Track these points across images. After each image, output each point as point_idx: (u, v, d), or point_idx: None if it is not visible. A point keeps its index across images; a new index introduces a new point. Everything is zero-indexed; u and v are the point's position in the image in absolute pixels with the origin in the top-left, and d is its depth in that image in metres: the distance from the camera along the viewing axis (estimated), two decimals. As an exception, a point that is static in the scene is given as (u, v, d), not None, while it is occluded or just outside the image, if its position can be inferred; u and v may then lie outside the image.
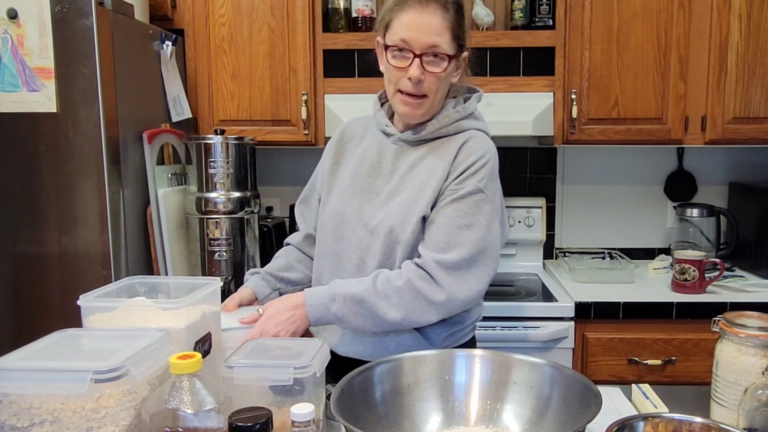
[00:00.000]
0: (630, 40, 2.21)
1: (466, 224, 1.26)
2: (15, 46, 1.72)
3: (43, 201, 1.78)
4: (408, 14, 1.26)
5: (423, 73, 1.27)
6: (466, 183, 1.29)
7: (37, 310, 1.81)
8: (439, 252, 1.25)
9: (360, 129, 1.48)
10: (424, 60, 1.27)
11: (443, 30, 1.27)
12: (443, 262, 1.24)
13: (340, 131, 1.50)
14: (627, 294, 2.08)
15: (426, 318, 1.26)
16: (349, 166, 1.42)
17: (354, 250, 1.35)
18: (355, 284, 1.26)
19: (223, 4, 2.24)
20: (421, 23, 1.26)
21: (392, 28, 1.29)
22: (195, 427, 0.81)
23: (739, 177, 2.58)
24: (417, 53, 1.27)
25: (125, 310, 1.05)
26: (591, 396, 0.94)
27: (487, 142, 1.36)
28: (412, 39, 1.26)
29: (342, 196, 1.39)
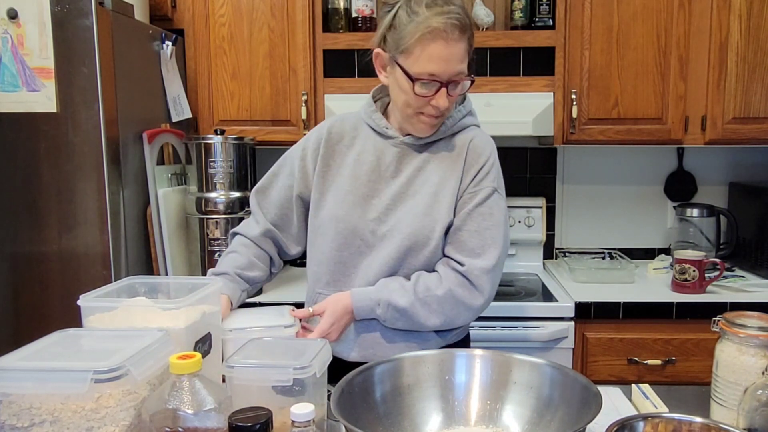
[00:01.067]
0: (630, 40, 2.21)
1: (492, 225, 1.32)
2: (15, 46, 1.73)
3: (43, 201, 1.78)
4: (436, 46, 1.22)
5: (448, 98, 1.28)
6: (482, 185, 1.33)
7: (37, 310, 1.81)
8: (476, 257, 1.30)
9: (348, 129, 1.42)
10: (450, 87, 1.27)
11: (465, 54, 1.27)
12: (484, 268, 1.29)
13: (327, 131, 1.42)
14: (627, 294, 2.08)
15: (463, 321, 1.34)
16: (344, 170, 1.38)
17: (361, 258, 1.35)
18: (399, 292, 1.29)
19: (223, 4, 2.24)
20: (449, 55, 1.23)
21: (415, 56, 1.24)
22: (195, 427, 0.81)
23: (739, 177, 2.58)
24: (444, 82, 1.26)
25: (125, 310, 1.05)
26: (591, 396, 0.94)
27: (486, 137, 1.40)
28: (441, 72, 1.24)
29: (342, 202, 1.35)
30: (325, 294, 1.37)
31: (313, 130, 1.47)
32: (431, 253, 1.32)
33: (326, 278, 1.38)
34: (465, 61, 1.27)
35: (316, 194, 1.40)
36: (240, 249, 1.44)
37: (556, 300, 2.05)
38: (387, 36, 1.29)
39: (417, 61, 1.24)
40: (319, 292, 1.39)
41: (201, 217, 2.03)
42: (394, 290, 1.30)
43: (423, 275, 1.32)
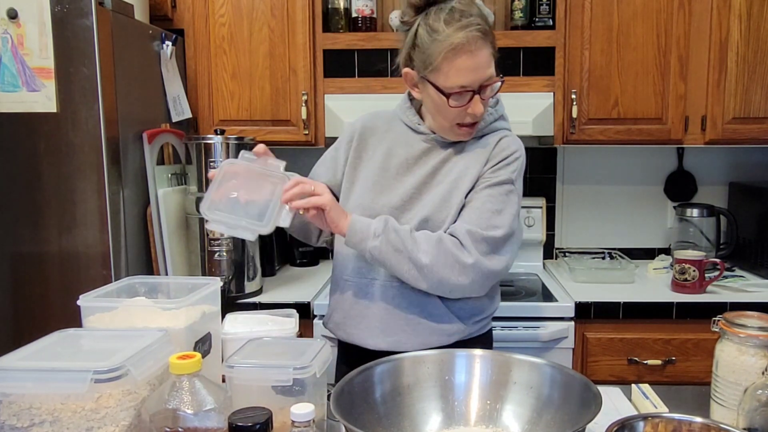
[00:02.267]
0: (630, 40, 2.21)
1: (497, 210, 1.33)
2: (15, 46, 1.73)
3: (43, 201, 1.78)
4: (461, 60, 1.25)
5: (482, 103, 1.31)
6: (500, 173, 1.35)
7: (37, 310, 1.81)
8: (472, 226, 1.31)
9: (382, 123, 1.47)
10: (483, 92, 1.30)
11: (490, 59, 1.29)
12: (474, 233, 1.29)
13: (361, 125, 1.48)
14: (627, 294, 2.08)
15: (455, 277, 1.30)
16: (374, 162, 1.42)
17: None
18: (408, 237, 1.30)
19: (223, 4, 2.24)
20: (475, 65, 1.26)
21: (444, 73, 1.27)
22: (195, 427, 0.81)
23: (739, 177, 2.58)
24: (476, 90, 1.29)
25: (125, 310, 1.05)
26: (591, 396, 0.94)
27: (519, 141, 1.42)
28: (471, 82, 1.28)
29: (368, 191, 1.40)
30: (351, 281, 1.41)
31: (348, 124, 1.52)
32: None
33: (352, 265, 1.41)
34: (492, 65, 1.29)
35: (346, 184, 1.44)
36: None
37: (556, 300, 2.05)
38: (412, 55, 1.32)
39: (447, 76, 1.27)
40: (346, 279, 1.42)
41: (201, 217, 2.02)
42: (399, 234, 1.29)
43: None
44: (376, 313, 1.38)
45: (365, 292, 1.40)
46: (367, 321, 1.39)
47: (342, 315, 1.44)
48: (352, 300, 1.42)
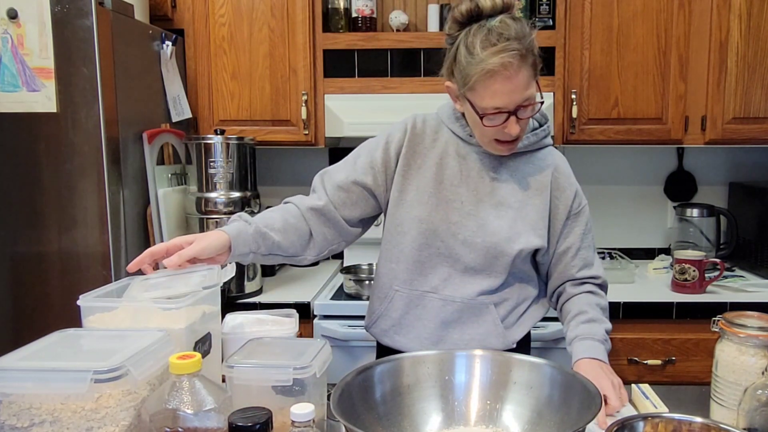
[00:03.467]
0: (630, 40, 2.21)
1: (592, 234, 1.46)
2: (15, 46, 1.73)
3: (43, 201, 1.78)
4: (495, 82, 1.22)
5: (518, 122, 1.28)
6: (581, 204, 1.43)
7: (37, 310, 1.81)
8: (596, 265, 1.45)
9: (430, 129, 1.42)
10: (520, 113, 1.26)
11: (529, 81, 1.24)
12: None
13: (410, 129, 1.41)
14: (627, 294, 2.08)
15: None
16: (426, 171, 1.39)
17: (443, 259, 1.37)
18: (598, 323, 1.37)
19: (223, 4, 2.24)
20: (511, 89, 1.23)
21: (479, 94, 1.24)
22: (195, 427, 0.81)
23: (739, 177, 2.58)
24: (512, 111, 1.25)
25: (125, 310, 1.05)
26: (591, 396, 0.94)
27: (564, 158, 1.46)
28: (506, 104, 1.24)
29: (425, 203, 1.37)
30: (402, 291, 1.39)
31: (394, 127, 1.44)
32: (509, 263, 1.35)
33: (403, 276, 1.40)
34: (530, 86, 1.25)
35: (395, 192, 1.40)
36: (279, 211, 1.36)
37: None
38: (453, 70, 1.29)
39: (482, 98, 1.25)
40: (396, 289, 1.41)
41: (201, 217, 2.03)
42: (598, 324, 1.37)
43: (582, 300, 1.41)
44: (427, 326, 1.38)
45: (416, 304, 1.39)
46: (417, 332, 1.39)
47: (390, 323, 1.43)
48: (402, 309, 1.40)
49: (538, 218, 1.37)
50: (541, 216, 1.38)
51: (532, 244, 1.36)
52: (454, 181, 1.38)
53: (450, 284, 1.37)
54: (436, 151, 1.40)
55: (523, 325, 1.43)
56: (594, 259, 1.44)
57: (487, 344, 1.36)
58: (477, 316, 1.37)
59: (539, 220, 1.37)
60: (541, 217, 1.38)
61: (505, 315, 1.39)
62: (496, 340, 1.38)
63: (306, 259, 1.39)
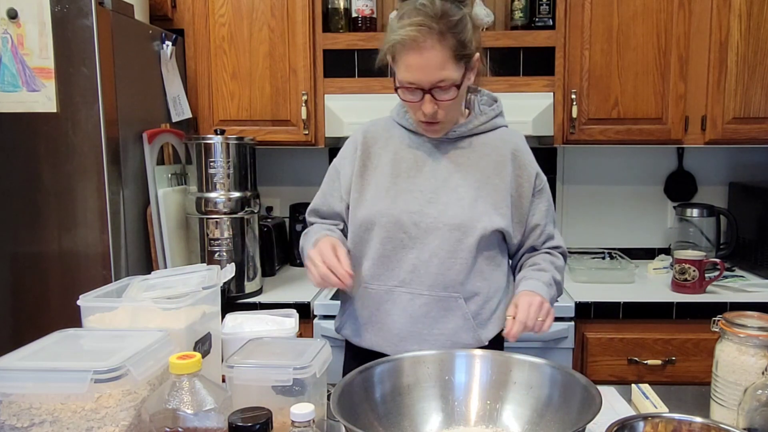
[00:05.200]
0: (630, 40, 2.21)
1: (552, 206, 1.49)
2: (15, 46, 1.73)
3: (43, 201, 1.78)
4: (408, 56, 1.25)
5: (435, 103, 1.29)
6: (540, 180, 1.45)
7: (37, 310, 1.81)
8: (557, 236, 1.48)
9: (382, 131, 1.46)
10: (434, 93, 1.28)
11: (446, 61, 1.25)
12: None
13: (362, 135, 1.46)
14: (627, 294, 2.08)
15: None
16: (383, 168, 1.41)
17: (408, 251, 1.37)
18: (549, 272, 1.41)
19: (223, 4, 2.24)
20: (422, 64, 1.25)
21: (397, 63, 1.28)
22: (195, 427, 0.81)
23: (739, 177, 2.58)
24: (426, 89, 1.27)
25: (125, 310, 1.05)
26: (591, 396, 0.94)
27: (521, 135, 1.48)
28: (418, 80, 1.26)
29: (382, 198, 1.38)
30: (371, 287, 1.40)
31: (349, 138, 1.51)
32: (476, 243, 1.35)
33: (371, 272, 1.40)
34: (447, 67, 1.26)
35: (354, 194, 1.43)
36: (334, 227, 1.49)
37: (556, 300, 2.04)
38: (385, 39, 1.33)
39: (399, 69, 1.29)
40: (365, 287, 1.41)
41: (201, 217, 2.03)
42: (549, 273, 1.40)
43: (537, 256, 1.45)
44: (396, 321, 1.37)
45: (385, 300, 1.39)
46: (387, 328, 1.38)
47: (360, 321, 1.43)
48: (372, 307, 1.40)
49: (500, 198, 1.38)
50: (503, 196, 1.38)
51: (494, 224, 1.36)
52: (410, 173, 1.40)
53: (417, 276, 1.36)
54: (390, 149, 1.43)
55: (496, 323, 1.41)
56: (555, 232, 1.48)
57: (457, 340, 1.35)
58: (446, 310, 1.36)
59: (500, 200, 1.38)
60: (502, 198, 1.38)
61: (477, 311, 1.38)
62: (467, 335, 1.37)
63: None
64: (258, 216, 2.15)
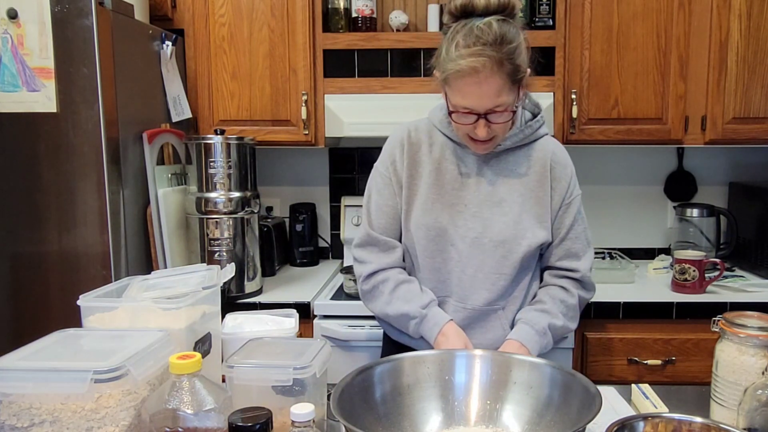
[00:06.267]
0: (630, 40, 2.21)
1: (586, 227, 1.45)
2: (15, 46, 1.73)
3: (43, 201, 1.78)
4: (465, 82, 1.22)
5: (489, 126, 1.27)
6: (573, 194, 1.43)
7: (37, 310, 1.81)
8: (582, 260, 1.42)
9: (424, 136, 1.43)
10: (488, 117, 1.26)
11: (503, 88, 1.23)
12: (590, 267, 1.44)
13: (407, 139, 1.42)
14: (627, 294, 2.08)
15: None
16: (427, 178, 1.39)
17: (454, 264, 1.37)
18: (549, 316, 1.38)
19: (223, 4, 2.24)
20: (480, 93, 1.23)
21: (452, 87, 1.26)
22: (195, 427, 0.81)
23: (739, 177, 2.58)
24: (481, 114, 1.26)
25: (125, 310, 1.05)
26: (591, 396, 0.94)
27: (560, 146, 1.46)
28: (474, 106, 1.25)
29: (428, 210, 1.38)
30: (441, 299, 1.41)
31: (389, 142, 1.46)
32: (521, 258, 1.36)
33: (425, 282, 1.41)
34: (503, 94, 1.24)
35: (404, 205, 1.41)
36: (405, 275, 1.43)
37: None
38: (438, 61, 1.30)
39: (453, 95, 1.26)
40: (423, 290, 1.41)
41: (201, 217, 2.03)
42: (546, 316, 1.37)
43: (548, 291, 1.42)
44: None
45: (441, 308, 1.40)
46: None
47: None
48: None
49: (543, 211, 1.38)
50: (545, 209, 1.39)
51: (538, 238, 1.36)
52: (455, 185, 1.38)
53: (461, 289, 1.38)
54: (434, 157, 1.41)
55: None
56: (582, 252, 1.43)
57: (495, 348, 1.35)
58: (485, 321, 1.39)
59: (544, 213, 1.38)
60: (545, 210, 1.39)
61: (513, 318, 1.40)
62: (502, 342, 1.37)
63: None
64: (258, 216, 2.15)
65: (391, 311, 1.38)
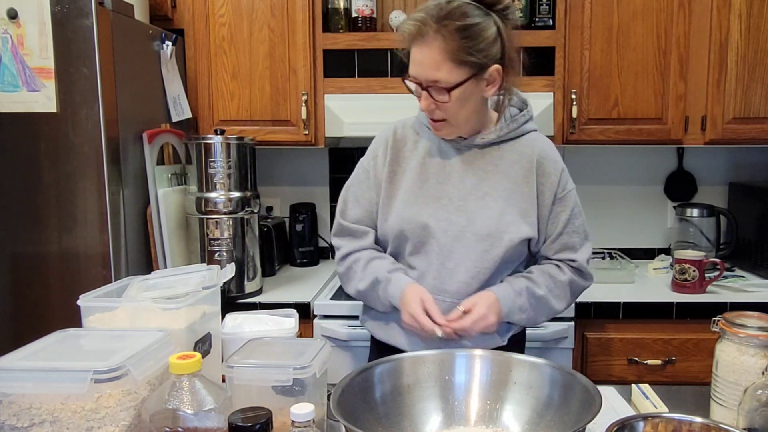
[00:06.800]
0: (630, 40, 2.21)
1: (583, 220, 1.45)
2: (15, 46, 1.73)
3: (43, 201, 1.78)
4: (413, 49, 1.27)
5: (432, 102, 1.29)
6: (567, 189, 1.43)
7: (37, 310, 1.81)
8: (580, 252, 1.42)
9: (411, 133, 1.45)
10: (430, 91, 1.28)
11: (443, 62, 1.25)
12: (588, 258, 1.44)
13: (392, 136, 1.45)
14: (627, 294, 2.08)
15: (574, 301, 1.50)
16: (411, 173, 1.41)
17: (435, 257, 1.37)
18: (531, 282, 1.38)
19: (223, 4, 2.24)
20: (421, 59, 1.26)
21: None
22: (195, 427, 0.81)
23: (739, 177, 2.58)
24: (424, 86, 1.28)
25: (125, 310, 1.05)
26: (591, 396, 0.94)
27: (549, 142, 1.46)
28: (417, 74, 1.28)
29: (411, 204, 1.38)
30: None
31: (376, 138, 1.49)
32: (503, 253, 1.36)
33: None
34: (442, 69, 1.25)
35: (385, 199, 1.42)
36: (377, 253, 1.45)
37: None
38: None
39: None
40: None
41: (201, 217, 2.03)
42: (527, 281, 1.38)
43: (539, 266, 1.42)
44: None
45: None
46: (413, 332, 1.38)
47: (386, 317, 1.44)
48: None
49: (528, 206, 1.38)
50: (531, 204, 1.38)
51: (522, 233, 1.36)
52: (439, 179, 1.39)
53: (443, 283, 1.37)
54: (419, 153, 1.42)
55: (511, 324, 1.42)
56: (580, 245, 1.43)
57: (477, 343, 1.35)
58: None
59: (529, 209, 1.38)
60: (530, 205, 1.38)
61: None
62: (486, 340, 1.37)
63: None
64: (258, 216, 2.15)
65: (362, 286, 1.42)
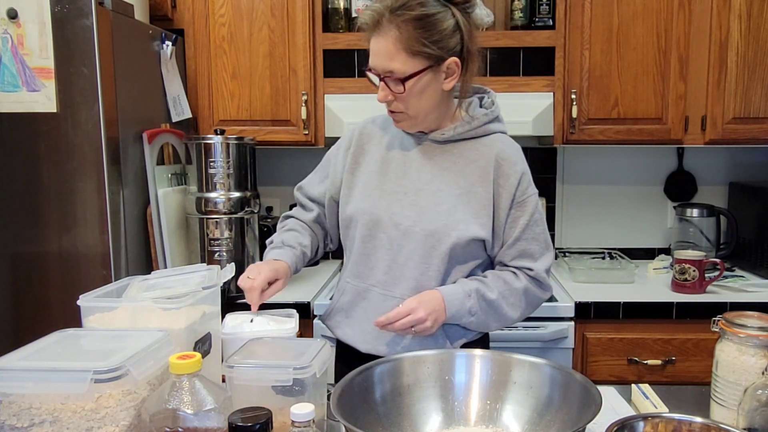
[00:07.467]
0: (630, 40, 2.21)
1: (544, 229, 1.40)
2: (15, 46, 1.73)
3: (43, 201, 1.78)
4: (372, 40, 1.28)
5: (390, 93, 1.29)
6: (527, 193, 1.38)
7: (37, 310, 1.81)
8: (539, 261, 1.38)
9: (378, 129, 1.47)
10: (387, 82, 1.28)
11: (397, 52, 1.24)
12: (547, 269, 1.39)
13: (359, 131, 1.47)
14: (627, 294, 2.08)
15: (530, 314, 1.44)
16: (372, 165, 1.42)
17: (385, 251, 1.37)
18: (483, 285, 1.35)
19: (223, 4, 2.24)
20: (377, 49, 1.27)
21: None
22: (195, 427, 0.81)
23: (739, 177, 2.58)
24: (381, 77, 1.29)
25: (125, 310, 1.05)
26: (591, 396, 0.94)
27: (514, 144, 1.42)
28: (374, 65, 1.29)
29: (368, 196, 1.39)
30: (351, 283, 1.42)
31: (348, 131, 1.51)
32: (449, 250, 1.33)
33: (352, 268, 1.42)
34: (397, 59, 1.25)
35: (345, 190, 1.44)
36: (299, 228, 1.52)
37: (556, 300, 2.05)
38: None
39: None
40: (348, 281, 1.43)
41: (201, 217, 2.03)
42: (479, 283, 1.34)
43: (494, 271, 1.39)
44: (371, 320, 1.35)
45: (363, 297, 1.40)
46: (362, 326, 1.39)
47: (342, 315, 1.45)
48: (351, 302, 1.42)
49: (480, 207, 1.35)
50: (484, 205, 1.35)
51: (470, 233, 1.32)
52: (398, 173, 1.39)
53: (391, 278, 1.37)
54: (382, 147, 1.43)
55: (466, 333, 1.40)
56: (539, 254, 1.38)
57: (425, 344, 1.33)
58: None
59: (481, 209, 1.35)
60: (483, 206, 1.35)
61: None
62: (434, 341, 1.35)
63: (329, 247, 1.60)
64: (258, 216, 2.15)
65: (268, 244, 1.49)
